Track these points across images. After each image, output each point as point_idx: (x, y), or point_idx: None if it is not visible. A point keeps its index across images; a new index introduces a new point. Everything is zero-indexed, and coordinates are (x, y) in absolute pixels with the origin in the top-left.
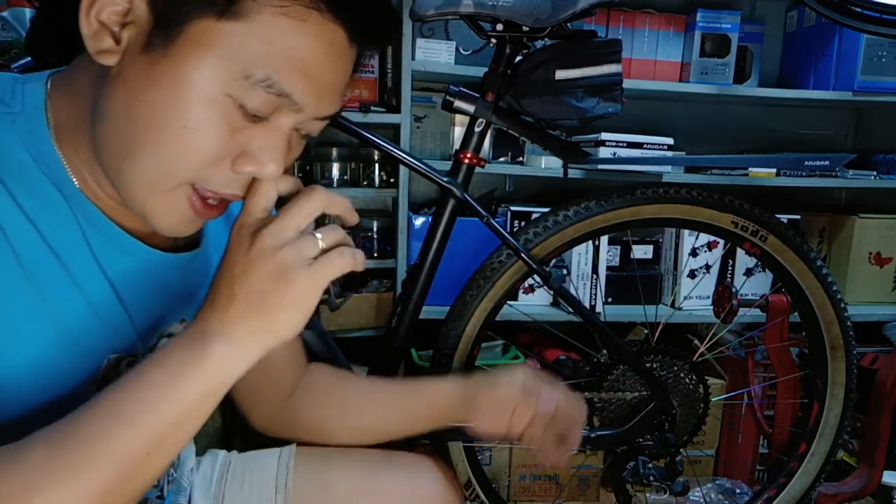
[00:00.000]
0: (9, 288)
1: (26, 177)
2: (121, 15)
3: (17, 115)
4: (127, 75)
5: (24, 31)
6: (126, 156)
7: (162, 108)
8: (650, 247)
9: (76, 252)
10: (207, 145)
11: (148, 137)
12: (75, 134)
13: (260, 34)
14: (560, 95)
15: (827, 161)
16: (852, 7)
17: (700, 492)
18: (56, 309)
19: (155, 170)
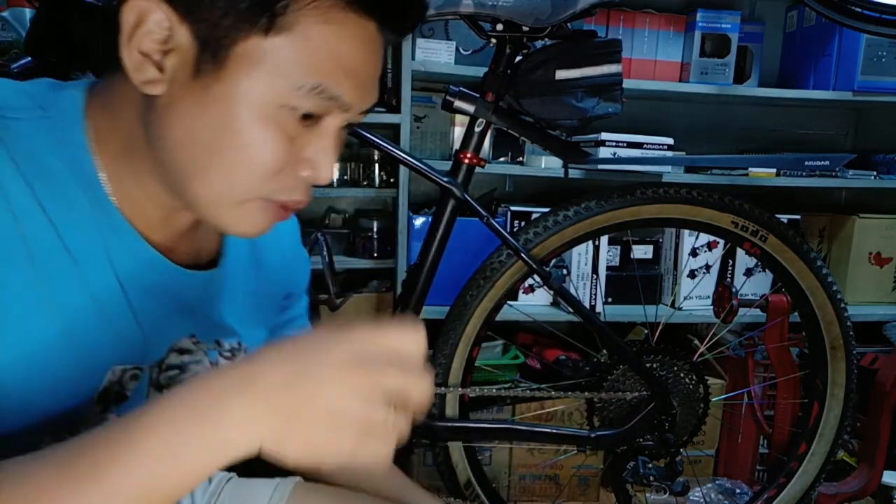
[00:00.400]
0: (16, 277)
1: (53, 178)
2: (161, 43)
3: (52, 119)
4: (180, 102)
5: (24, 31)
6: (192, 176)
7: (222, 129)
8: (650, 247)
9: (91, 254)
10: (270, 157)
11: (213, 158)
12: (114, 147)
13: (304, 44)
14: (560, 95)
15: (827, 161)
16: (852, 7)
17: (700, 492)
18: (62, 306)
19: (224, 187)
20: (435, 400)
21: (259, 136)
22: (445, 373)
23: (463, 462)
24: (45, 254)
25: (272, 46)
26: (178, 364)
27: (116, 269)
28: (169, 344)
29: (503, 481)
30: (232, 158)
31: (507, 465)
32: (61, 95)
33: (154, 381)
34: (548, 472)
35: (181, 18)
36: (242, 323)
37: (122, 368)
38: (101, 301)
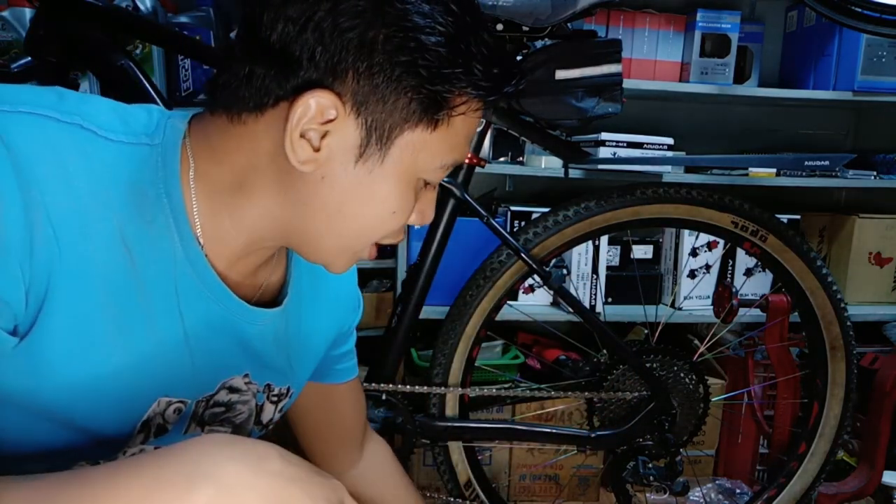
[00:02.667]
0: (92, 304)
1: (143, 209)
2: (322, 125)
3: (155, 148)
4: (335, 180)
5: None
6: (331, 237)
7: (373, 200)
8: (650, 247)
9: (164, 289)
10: (405, 219)
11: (358, 224)
12: (217, 186)
13: (454, 133)
14: (560, 95)
15: (827, 161)
16: (852, 7)
17: (700, 492)
18: (128, 335)
19: (355, 242)
20: (435, 400)
21: (401, 202)
22: (445, 373)
23: (463, 462)
24: (120, 288)
25: (432, 138)
26: (225, 402)
27: (181, 300)
28: (222, 380)
29: (503, 481)
30: (371, 220)
31: (507, 465)
32: (167, 125)
33: (198, 415)
34: (548, 472)
35: (352, 110)
36: (294, 362)
37: (168, 401)
38: (162, 330)
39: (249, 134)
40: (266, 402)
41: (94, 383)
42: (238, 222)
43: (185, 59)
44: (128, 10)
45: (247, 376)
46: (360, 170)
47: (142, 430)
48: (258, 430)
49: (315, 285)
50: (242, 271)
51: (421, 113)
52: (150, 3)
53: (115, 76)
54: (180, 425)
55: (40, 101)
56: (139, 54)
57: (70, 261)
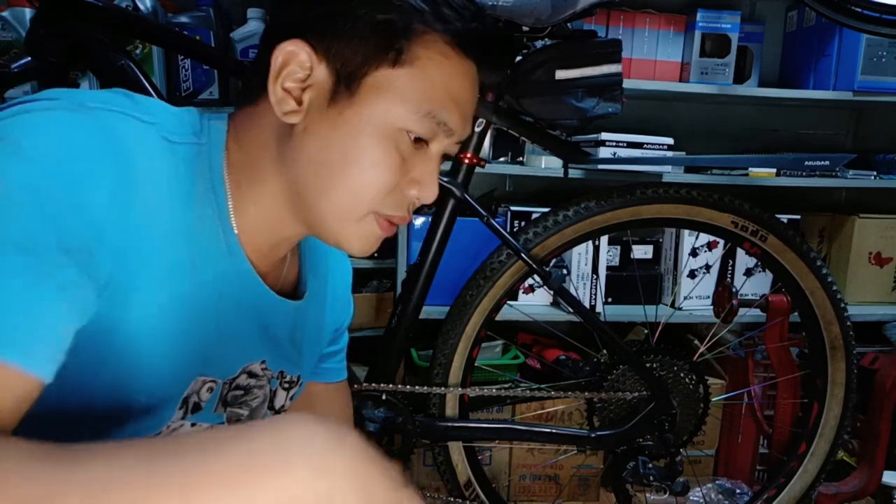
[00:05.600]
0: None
1: (196, 202)
2: (301, 81)
3: (202, 147)
4: (314, 128)
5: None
6: (321, 194)
7: (353, 150)
8: (650, 247)
9: (208, 275)
10: (389, 175)
11: (341, 177)
12: (243, 177)
13: (422, 74)
14: (560, 95)
15: (827, 161)
16: (852, 7)
17: (700, 492)
18: (175, 307)
19: (348, 202)
20: (435, 400)
21: (381, 154)
22: (445, 373)
23: (463, 462)
24: (177, 260)
25: (396, 76)
26: (244, 386)
27: (221, 285)
28: (244, 364)
29: (503, 481)
30: (357, 175)
31: (507, 465)
32: (211, 126)
33: (223, 396)
34: (548, 472)
35: (320, 58)
36: (304, 352)
37: (203, 380)
38: (202, 311)
39: (259, 112)
40: (279, 389)
41: (148, 357)
42: (261, 210)
43: (185, 59)
44: (128, 10)
45: (263, 363)
46: (333, 115)
47: (182, 406)
48: (270, 414)
49: (317, 283)
50: (269, 263)
51: (382, 49)
52: (150, 3)
53: (115, 76)
54: (211, 404)
55: (122, 103)
56: (139, 54)
57: (150, 241)
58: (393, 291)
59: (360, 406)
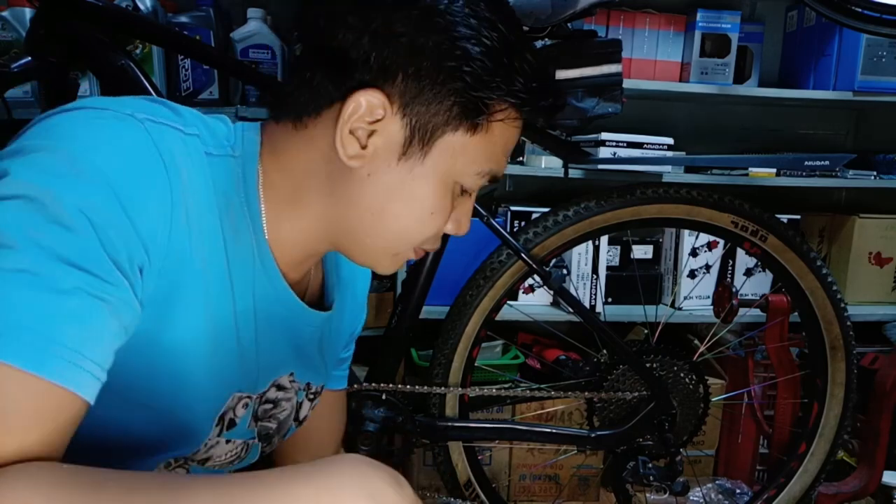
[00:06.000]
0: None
1: (233, 215)
2: (369, 123)
3: (237, 159)
4: (380, 177)
5: (24, 31)
6: (372, 235)
7: (415, 201)
8: (650, 247)
9: (245, 293)
10: (442, 223)
11: (397, 222)
12: (282, 194)
13: (493, 140)
14: None
15: (827, 161)
16: (852, 7)
17: (700, 492)
18: (214, 321)
19: (397, 243)
20: (435, 400)
21: (440, 204)
22: (445, 373)
23: (463, 462)
24: (216, 274)
25: (471, 142)
26: (273, 399)
27: (257, 300)
28: (274, 378)
29: (503, 481)
30: (413, 222)
31: (507, 465)
32: (245, 138)
33: (255, 411)
34: (548, 472)
35: (396, 110)
36: (327, 359)
37: (240, 395)
38: (240, 327)
39: (308, 136)
40: (305, 400)
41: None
42: (297, 228)
43: (185, 59)
44: (128, 10)
45: (292, 375)
46: (403, 168)
47: (218, 423)
48: (295, 426)
49: (341, 290)
50: (297, 274)
51: (461, 116)
52: (150, 3)
53: (115, 76)
54: (245, 420)
55: (165, 114)
56: (139, 54)
57: (194, 256)
58: (393, 291)
59: (360, 406)
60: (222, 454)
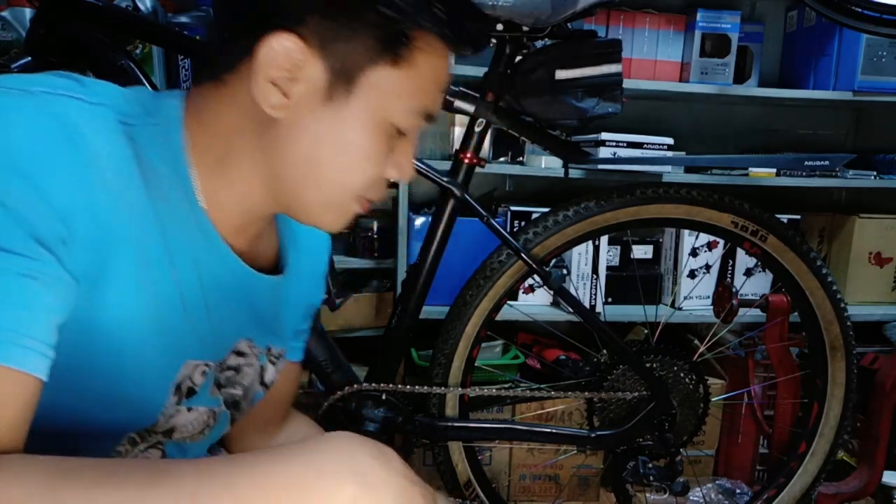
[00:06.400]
0: (124, 259)
1: (160, 185)
2: (289, 72)
3: (159, 126)
4: (305, 124)
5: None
6: (309, 187)
7: (346, 145)
8: (650, 247)
9: (186, 261)
10: (379, 167)
11: (332, 171)
12: (211, 157)
13: (417, 74)
14: (560, 95)
15: (827, 161)
16: (852, 7)
17: (700, 492)
18: (156, 295)
19: (336, 193)
20: (435, 400)
21: (373, 147)
22: (445, 373)
23: (463, 462)
24: (150, 246)
25: (394, 75)
26: (235, 366)
27: (200, 268)
28: (232, 345)
29: (503, 481)
30: (348, 168)
31: (507, 465)
32: (164, 104)
33: (216, 378)
34: (548, 472)
35: (314, 53)
36: (285, 326)
37: (195, 363)
38: (185, 297)
39: (230, 94)
40: (267, 363)
41: (133, 342)
42: (234, 192)
43: (185, 59)
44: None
45: (250, 340)
46: (329, 112)
47: (175, 393)
48: (262, 390)
49: (297, 256)
50: (246, 241)
51: (382, 50)
52: (150, 3)
53: (115, 76)
54: (206, 388)
55: (67, 85)
56: (139, 54)
57: (120, 228)
58: (393, 291)
59: (360, 406)
60: (187, 423)
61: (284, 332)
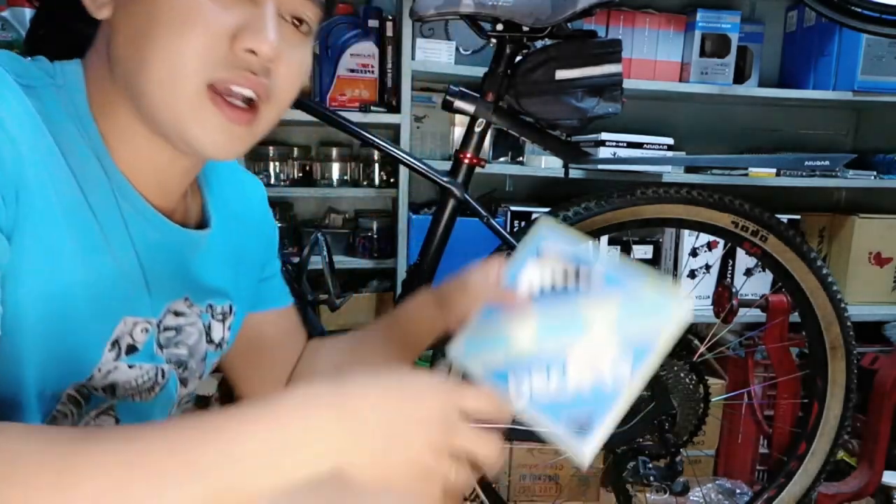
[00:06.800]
0: (51, 226)
1: (72, 145)
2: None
3: (61, 88)
4: (122, 10)
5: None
6: (139, 68)
7: (156, 10)
8: (650, 247)
9: (112, 219)
10: (200, 25)
11: (148, 38)
12: (108, 109)
13: None
14: (560, 95)
15: (827, 161)
16: (852, 7)
17: (700, 492)
18: (89, 263)
19: (165, 67)
20: None
21: (189, 9)
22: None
23: None
24: (75, 210)
25: None
26: (175, 326)
27: (130, 232)
28: (166, 304)
29: (503, 481)
30: (166, 36)
31: (508, 465)
32: (64, 67)
33: (157, 339)
34: (548, 472)
35: None
36: (231, 284)
37: (134, 320)
38: (120, 262)
39: (95, 50)
40: (212, 321)
41: (63, 298)
42: (130, 144)
43: None
44: None
45: (187, 299)
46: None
47: (112, 349)
48: (213, 349)
49: (227, 209)
50: (170, 200)
51: None
52: None
53: None
54: (149, 346)
55: None
56: None
57: (39, 187)
58: (393, 291)
59: None
60: (130, 380)
61: (228, 289)
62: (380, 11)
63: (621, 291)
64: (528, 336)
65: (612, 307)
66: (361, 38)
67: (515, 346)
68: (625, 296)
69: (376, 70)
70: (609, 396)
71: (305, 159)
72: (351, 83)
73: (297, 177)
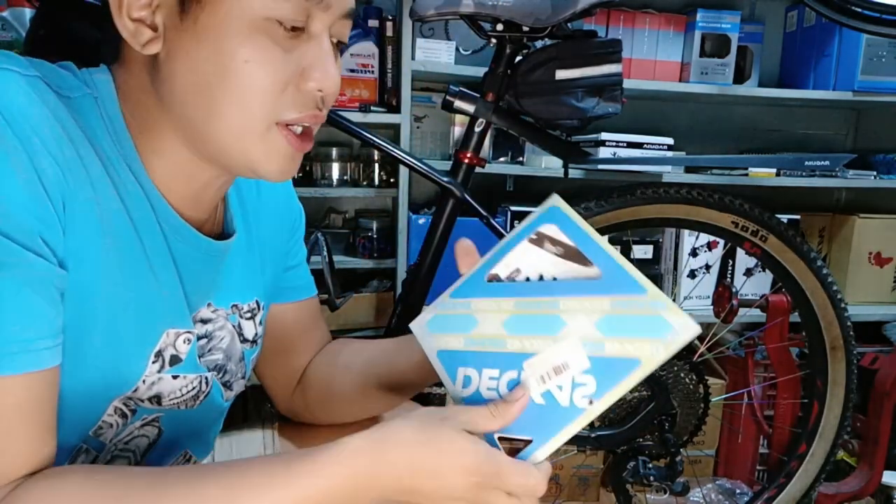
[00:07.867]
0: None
1: (110, 158)
2: (148, 4)
3: (97, 99)
4: (178, 49)
5: (24, 31)
6: (209, 117)
7: (222, 56)
8: (650, 247)
9: (153, 235)
10: (271, 71)
11: (222, 90)
12: (146, 126)
13: None
14: (560, 95)
15: (827, 161)
16: (852, 7)
17: (700, 492)
18: (129, 273)
19: (239, 116)
20: (436, 400)
21: (254, 51)
22: None
23: None
24: (116, 224)
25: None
26: (205, 333)
27: (171, 248)
28: (192, 314)
29: None
30: (235, 82)
31: None
32: (93, 77)
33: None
34: None
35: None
36: (257, 281)
37: (176, 332)
38: (160, 278)
39: (128, 61)
40: (241, 321)
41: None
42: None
43: None
44: None
45: (210, 304)
46: (188, 26)
47: (156, 360)
48: (248, 347)
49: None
50: (202, 211)
51: None
52: None
53: None
54: (192, 356)
55: None
56: None
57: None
58: (393, 291)
59: None
60: (175, 390)
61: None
62: (380, 11)
63: (612, 299)
64: (495, 324)
65: (595, 314)
66: (361, 38)
67: (479, 331)
68: (613, 305)
69: (376, 70)
70: (559, 417)
71: (305, 159)
72: (351, 83)
73: (297, 176)
